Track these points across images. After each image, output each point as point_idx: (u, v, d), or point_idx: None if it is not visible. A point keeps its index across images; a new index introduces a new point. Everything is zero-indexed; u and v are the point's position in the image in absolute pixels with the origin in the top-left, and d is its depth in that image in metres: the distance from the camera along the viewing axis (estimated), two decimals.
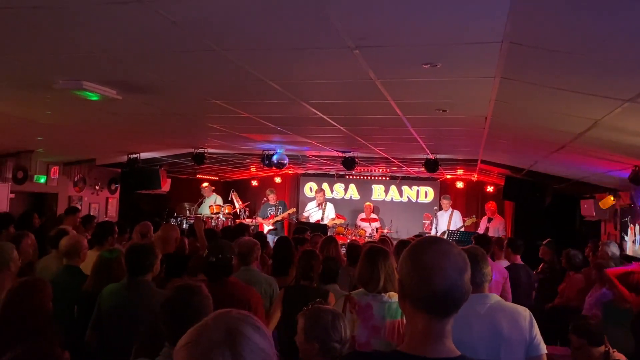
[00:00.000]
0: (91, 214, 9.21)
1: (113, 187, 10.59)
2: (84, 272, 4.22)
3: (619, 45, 2.40)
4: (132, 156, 8.92)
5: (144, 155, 9.03)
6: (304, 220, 11.50)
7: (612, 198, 7.81)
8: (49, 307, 3.03)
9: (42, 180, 8.68)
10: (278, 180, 13.92)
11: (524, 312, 2.82)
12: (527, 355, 2.75)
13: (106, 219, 9.63)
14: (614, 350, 3.76)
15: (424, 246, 1.52)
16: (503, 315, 2.78)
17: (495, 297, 2.89)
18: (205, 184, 11.48)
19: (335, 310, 2.61)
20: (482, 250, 3.06)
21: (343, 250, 6.72)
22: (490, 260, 3.76)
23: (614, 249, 6.97)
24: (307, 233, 6.99)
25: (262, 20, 2.58)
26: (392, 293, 3.16)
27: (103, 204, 10.42)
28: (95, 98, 4.19)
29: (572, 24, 2.28)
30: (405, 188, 13.15)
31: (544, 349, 2.77)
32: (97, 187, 10.13)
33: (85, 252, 4.39)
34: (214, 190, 11.46)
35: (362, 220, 11.96)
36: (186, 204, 10.98)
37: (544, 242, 7.51)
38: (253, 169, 12.40)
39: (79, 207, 9.05)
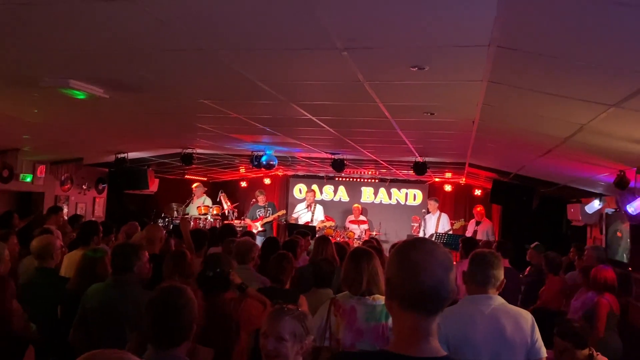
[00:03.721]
0: (78, 213, 9.15)
1: (100, 186, 10.50)
2: (70, 271, 4.17)
3: (603, 51, 2.42)
4: (120, 156, 8.85)
5: (132, 155, 8.96)
6: (292, 221, 11.49)
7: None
8: (8, 305, 2.96)
9: (28, 179, 8.57)
10: (267, 181, 13.89)
11: (527, 316, 2.90)
12: (527, 358, 2.82)
13: (93, 219, 9.55)
14: (598, 353, 3.79)
15: (411, 246, 1.57)
16: (507, 317, 2.85)
17: (499, 299, 2.93)
18: (196, 184, 11.39)
19: (297, 310, 2.59)
20: (496, 255, 3.09)
21: None
22: None
23: (599, 253, 7.05)
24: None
25: (251, 20, 2.58)
26: (376, 296, 3.14)
27: (90, 204, 10.33)
28: (82, 96, 4.15)
29: (557, 29, 2.30)
30: (394, 190, 13.19)
31: (544, 352, 2.86)
32: (84, 187, 10.04)
33: (58, 252, 4.28)
34: (205, 192, 11.38)
35: (351, 222, 11.99)
36: (174, 205, 10.90)
37: (532, 246, 7.56)
38: (242, 170, 12.36)
39: (63, 207, 8.96)
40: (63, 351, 3.58)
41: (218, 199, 11.45)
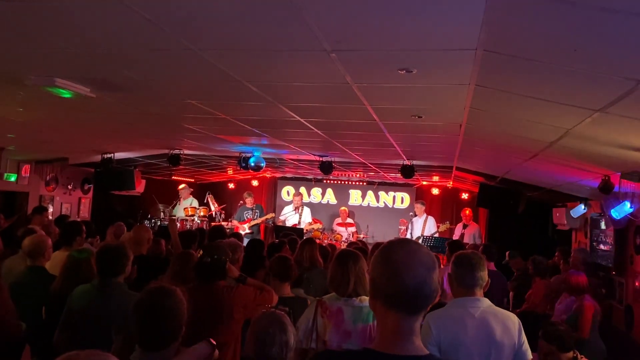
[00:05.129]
0: (63, 214, 9.04)
1: (86, 187, 10.40)
2: (53, 271, 4.12)
3: (588, 56, 2.45)
4: (106, 156, 8.78)
5: (119, 155, 8.89)
6: (280, 224, 11.46)
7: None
8: (6, 305, 2.94)
9: (13, 178, 8.48)
10: (255, 183, 13.86)
11: (514, 318, 2.94)
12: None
13: (78, 219, 9.44)
14: (582, 356, 3.83)
15: (395, 246, 1.60)
16: (495, 320, 2.87)
17: (486, 302, 2.95)
18: (182, 186, 11.31)
19: (283, 319, 2.61)
20: (479, 255, 3.11)
21: None
22: None
23: (585, 256, 7.14)
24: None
25: (239, 21, 2.57)
26: (363, 297, 3.15)
27: (75, 204, 10.23)
28: (67, 95, 4.11)
29: (543, 33, 2.32)
30: (382, 193, 13.23)
31: (530, 355, 2.92)
32: (69, 187, 9.94)
33: (50, 251, 4.27)
34: (191, 193, 11.31)
35: (339, 225, 12.00)
36: (160, 206, 10.82)
37: (507, 257, 7.68)
38: (230, 172, 12.31)
39: (48, 207, 8.86)
40: (47, 353, 3.53)
41: (205, 201, 11.39)
